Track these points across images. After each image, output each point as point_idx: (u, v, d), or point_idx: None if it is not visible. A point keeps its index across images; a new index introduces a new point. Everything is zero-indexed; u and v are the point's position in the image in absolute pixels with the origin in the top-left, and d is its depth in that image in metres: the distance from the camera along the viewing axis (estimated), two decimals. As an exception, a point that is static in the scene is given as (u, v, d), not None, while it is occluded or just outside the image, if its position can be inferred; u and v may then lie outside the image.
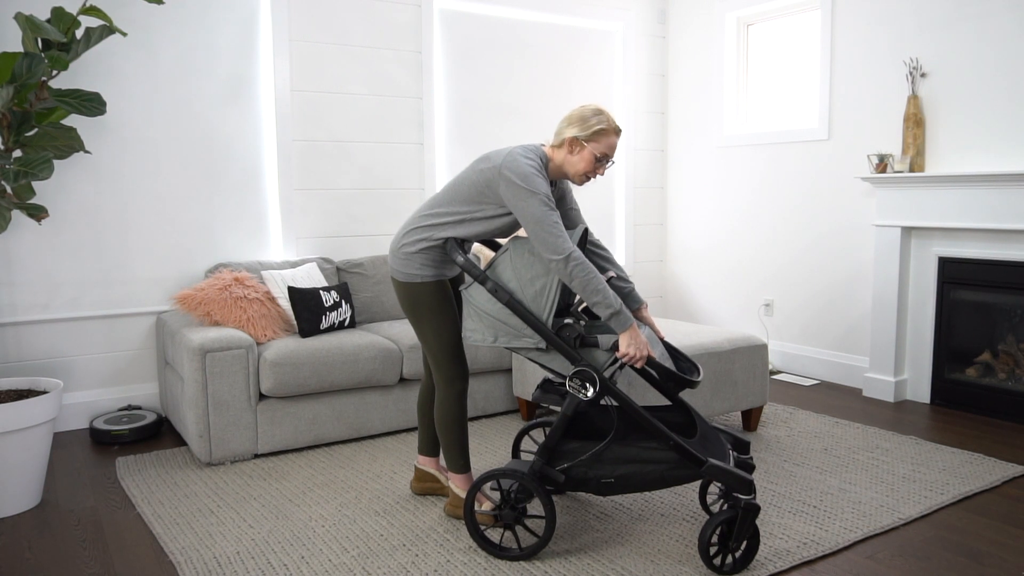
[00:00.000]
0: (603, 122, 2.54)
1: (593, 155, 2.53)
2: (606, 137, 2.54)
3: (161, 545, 2.62)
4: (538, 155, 2.55)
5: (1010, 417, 3.93)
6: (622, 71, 5.52)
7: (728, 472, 2.35)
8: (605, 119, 2.55)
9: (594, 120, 2.54)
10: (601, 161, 2.56)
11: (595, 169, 2.56)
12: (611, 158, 2.58)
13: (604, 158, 2.56)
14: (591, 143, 2.53)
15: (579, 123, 2.54)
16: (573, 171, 2.57)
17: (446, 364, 2.68)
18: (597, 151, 2.53)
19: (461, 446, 2.75)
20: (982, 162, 3.98)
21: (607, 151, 2.55)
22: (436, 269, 2.65)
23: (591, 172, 2.57)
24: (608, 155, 2.56)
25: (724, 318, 5.45)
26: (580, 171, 2.56)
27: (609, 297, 2.36)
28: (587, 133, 2.53)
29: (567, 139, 2.54)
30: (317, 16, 4.35)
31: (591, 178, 2.60)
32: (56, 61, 2.79)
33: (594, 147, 2.53)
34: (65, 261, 3.83)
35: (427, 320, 2.66)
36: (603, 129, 2.53)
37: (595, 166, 2.55)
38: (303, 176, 4.38)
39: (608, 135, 2.54)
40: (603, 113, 2.57)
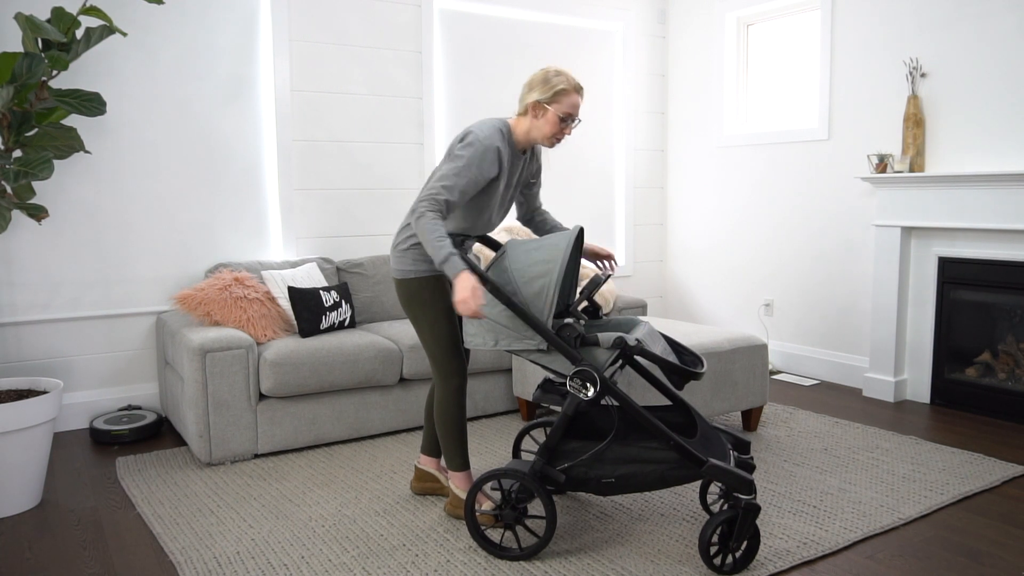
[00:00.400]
0: (563, 82, 2.57)
1: (557, 116, 2.56)
2: (567, 96, 2.56)
3: (161, 545, 2.62)
4: (499, 128, 2.59)
5: (1010, 417, 3.93)
6: (622, 71, 5.52)
7: (728, 472, 2.35)
8: (564, 79, 2.58)
9: (554, 81, 2.57)
10: (566, 121, 2.58)
11: (561, 130, 2.60)
12: (576, 117, 2.61)
13: (568, 117, 2.58)
14: (554, 104, 2.56)
15: (540, 86, 2.58)
16: (540, 135, 2.61)
17: (442, 360, 2.70)
18: (560, 111, 2.56)
19: (460, 444, 2.75)
20: (982, 162, 3.98)
21: (570, 110, 2.57)
22: (430, 264, 2.66)
23: (558, 133, 2.60)
24: (572, 114, 2.58)
25: (724, 318, 5.45)
26: (547, 134, 2.60)
27: (442, 243, 2.37)
28: (548, 95, 2.56)
29: (530, 104, 2.59)
30: (317, 16, 4.35)
31: (559, 139, 2.63)
32: (56, 61, 2.79)
33: (557, 108, 2.56)
34: (65, 261, 3.83)
35: (421, 315, 2.68)
36: (564, 89, 2.56)
37: (561, 127, 2.59)
38: (303, 176, 4.38)
39: (569, 94, 2.57)
40: (562, 73, 2.59)
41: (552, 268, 2.37)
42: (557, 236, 2.47)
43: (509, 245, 2.50)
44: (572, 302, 2.78)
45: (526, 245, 2.47)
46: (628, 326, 2.66)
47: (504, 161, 2.58)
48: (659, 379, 2.75)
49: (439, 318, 2.67)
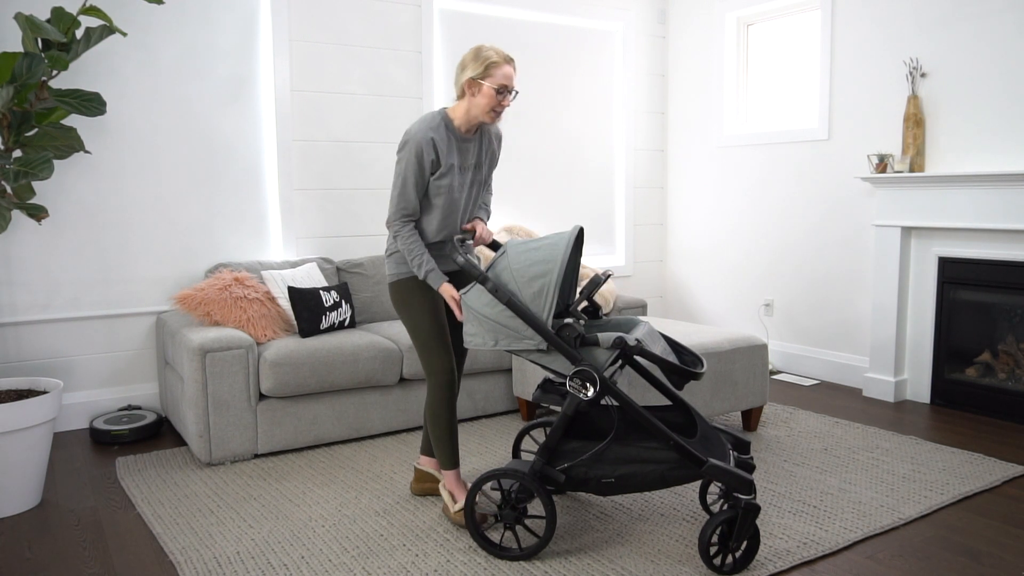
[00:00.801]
0: (493, 55, 2.63)
1: (492, 89, 2.61)
2: (499, 68, 2.62)
3: (161, 545, 2.62)
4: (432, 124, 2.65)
5: (1010, 417, 3.93)
6: (622, 71, 5.52)
7: (728, 472, 2.35)
8: (494, 52, 2.64)
9: (484, 56, 2.63)
10: (502, 93, 2.63)
11: (499, 102, 2.64)
12: (510, 88, 2.65)
13: (503, 89, 2.63)
14: (487, 79, 2.61)
15: (471, 64, 2.64)
16: (480, 111, 2.65)
17: (427, 358, 2.74)
18: (495, 84, 2.61)
19: (447, 442, 2.76)
20: (982, 162, 3.98)
21: (504, 81, 2.62)
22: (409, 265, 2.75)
23: (496, 106, 2.65)
24: (507, 85, 2.63)
25: (724, 318, 5.45)
26: (485, 108, 2.64)
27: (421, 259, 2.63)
28: (481, 70, 2.61)
29: (464, 83, 2.65)
30: (317, 16, 4.35)
31: (499, 112, 2.67)
32: (56, 61, 2.78)
33: (491, 81, 2.61)
34: (65, 261, 3.83)
35: (407, 315, 2.75)
36: (495, 62, 2.62)
37: (498, 99, 2.63)
38: (303, 176, 4.38)
39: (500, 66, 2.62)
40: (490, 48, 2.66)
41: (552, 268, 2.37)
42: (557, 236, 2.47)
43: (509, 245, 2.50)
44: (572, 302, 2.78)
45: (526, 245, 2.47)
46: (628, 326, 2.66)
47: (441, 147, 2.64)
48: (659, 379, 2.75)
49: (424, 317, 2.72)
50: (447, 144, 2.66)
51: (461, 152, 2.70)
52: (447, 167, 2.66)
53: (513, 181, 5.14)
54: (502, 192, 5.03)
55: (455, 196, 2.71)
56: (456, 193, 2.71)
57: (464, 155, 2.72)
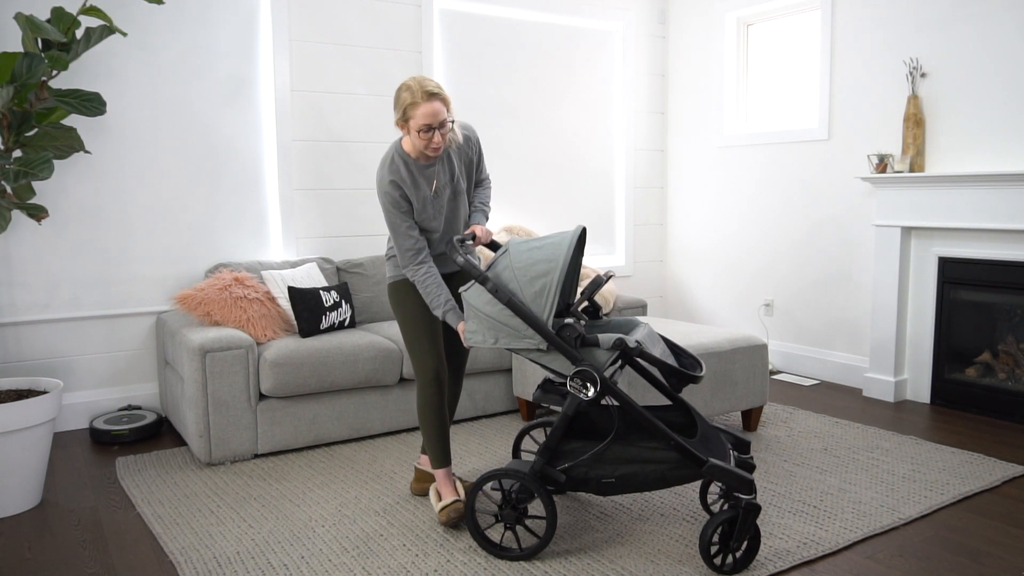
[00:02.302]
0: (408, 97, 2.53)
1: (417, 131, 2.53)
2: (418, 108, 2.51)
3: (161, 545, 2.62)
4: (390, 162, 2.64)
5: (1010, 417, 3.93)
6: (622, 71, 5.52)
7: (729, 472, 2.35)
8: (410, 92, 2.53)
9: (401, 99, 2.56)
10: (428, 132, 2.53)
11: (429, 140, 2.54)
12: (435, 125, 2.53)
13: (428, 128, 2.52)
14: (410, 120, 2.54)
15: (394, 107, 2.59)
16: (419, 151, 2.62)
17: (415, 357, 2.77)
18: (417, 125, 2.52)
19: (436, 440, 2.77)
20: (982, 162, 3.98)
21: (425, 121, 2.51)
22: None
23: (428, 145, 2.56)
24: (430, 124, 2.52)
25: (724, 318, 5.45)
26: (420, 148, 2.59)
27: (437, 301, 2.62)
28: (401, 112, 2.56)
29: (396, 124, 2.61)
30: (317, 16, 4.35)
31: (436, 149, 2.58)
32: (56, 61, 2.78)
33: (413, 123, 2.53)
34: (65, 261, 3.83)
35: (400, 315, 2.80)
36: (410, 103, 2.52)
37: (426, 137, 2.54)
38: (303, 176, 4.38)
39: (418, 106, 2.51)
40: (411, 84, 2.54)
41: (554, 268, 2.37)
42: (559, 235, 2.46)
43: (511, 244, 2.50)
44: (573, 302, 2.78)
45: (528, 244, 2.47)
46: (628, 327, 2.66)
47: (407, 185, 2.64)
48: (659, 379, 2.76)
49: (416, 319, 2.75)
50: (411, 180, 2.65)
51: (427, 179, 2.69)
52: (420, 202, 2.67)
53: (513, 181, 5.14)
54: (502, 192, 5.03)
55: (443, 218, 2.75)
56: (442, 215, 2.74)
57: (432, 180, 2.70)
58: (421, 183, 2.67)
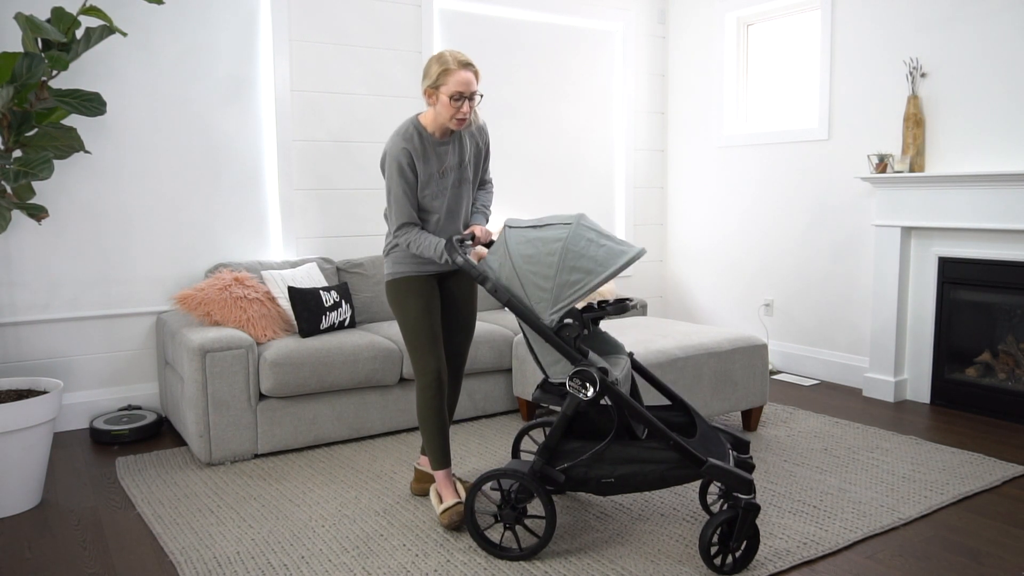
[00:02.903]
0: (444, 62, 2.58)
1: (448, 97, 2.57)
2: (452, 75, 2.56)
3: (161, 545, 2.62)
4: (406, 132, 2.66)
5: (1010, 417, 3.93)
6: (622, 71, 5.51)
7: (728, 472, 2.35)
8: (447, 58, 2.59)
9: (437, 64, 2.60)
10: (459, 100, 2.58)
11: (458, 109, 2.59)
12: (467, 95, 2.59)
13: (459, 96, 2.57)
14: (442, 87, 2.58)
15: (426, 74, 2.62)
16: (443, 120, 2.64)
17: (416, 356, 2.75)
18: (449, 91, 2.57)
19: (436, 441, 2.76)
20: (982, 162, 3.98)
21: (458, 88, 2.57)
22: (410, 265, 2.75)
23: (456, 114, 2.60)
24: (463, 92, 2.57)
25: (724, 318, 5.45)
26: (446, 117, 2.62)
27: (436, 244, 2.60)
28: (434, 78, 2.59)
29: (424, 93, 2.64)
30: (317, 16, 4.35)
31: (462, 119, 2.62)
32: (56, 61, 2.78)
33: (445, 89, 2.57)
34: (65, 261, 3.83)
35: (401, 312, 2.77)
36: (447, 69, 2.57)
37: (455, 106, 2.58)
38: (303, 176, 4.38)
39: (453, 73, 2.56)
40: (447, 53, 2.61)
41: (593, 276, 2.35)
42: (558, 229, 2.44)
43: (509, 234, 2.48)
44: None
45: (527, 235, 2.46)
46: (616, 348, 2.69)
47: (417, 157, 2.65)
48: (659, 379, 2.76)
49: (417, 317, 2.73)
50: (422, 152, 2.66)
51: (439, 156, 2.70)
52: (426, 176, 2.68)
53: (513, 181, 5.14)
54: (502, 192, 5.03)
55: (444, 201, 2.73)
56: (444, 198, 2.72)
57: (442, 159, 2.71)
58: (431, 158, 2.68)
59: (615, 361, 2.61)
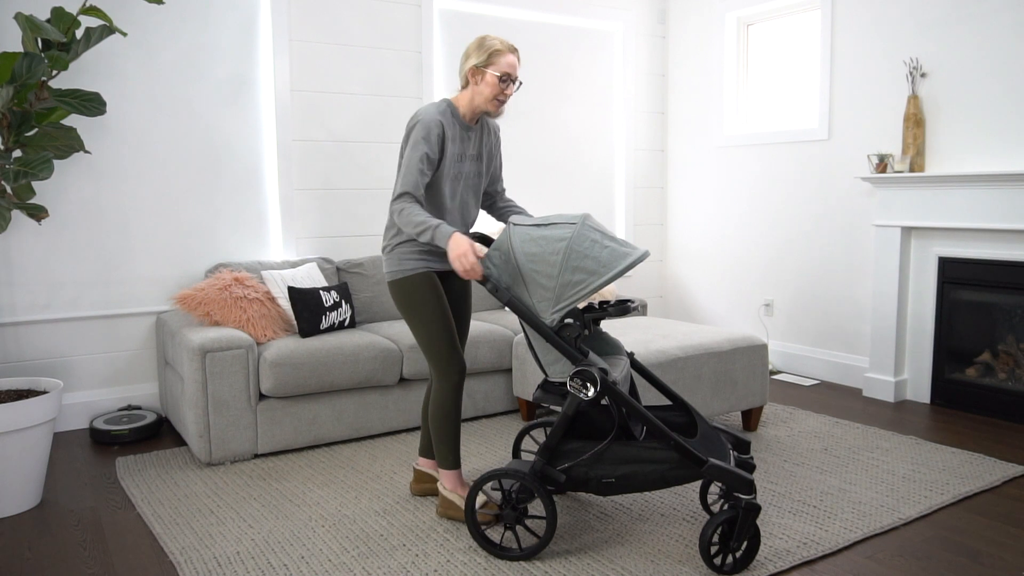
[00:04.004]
0: (496, 43, 2.64)
1: (496, 77, 2.63)
2: (502, 56, 2.64)
3: (161, 545, 2.62)
4: (439, 109, 2.66)
5: (1010, 417, 3.93)
6: (622, 71, 5.52)
7: (729, 472, 2.35)
8: (497, 40, 2.66)
9: (487, 44, 2.64)
10: (505, 81, 2.65)
11: (502, 91, 2.66)
12: (514, 77, 2.67)
13: (507, 77, 2.64)
14: (490, 67, 2.63)
15: (475, 52, 2.66)
16: (483, 100, 2.67)
17: (438, 357, 2.68)
18: (498, 71, 2.63)
19: (452, 442, 2.75)
20: (982, 162, 3.98)
21: (507, 69, 2.64)
22: (420, 261, 2.68)
23: (499, 95, 2.66)
24: (510, 74, 2.65)
25: (724, 318, 5.45)
26: (488, 97, 2.66)
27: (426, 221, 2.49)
28: (484, 58, 2.63)
29: (468, 71, 2.66)
30: (317, 16, 4.35)
31: (502, 102, 2.68)
32: (56, 61, 2.78)
33: (494, 69, 2.63)
34: (65, 261, 3.83)
35: (417, 313, 2.67)
36: (497, 50, 2.63)
37: (500, 87, 2.65)
38: (303, 176, 4.38)
39: (504, 54, 2.64)
40: (494, 37, 2.67)
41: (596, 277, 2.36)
42: (563, 229, 2.43)
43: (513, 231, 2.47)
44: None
45: (531, 233, 2.46)
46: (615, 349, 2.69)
47: (449, 133, 2.65)
48: (659, 379, 2.76)
49: (435, 315, 2.66)
50: (453, 131, 2.67)
51: (464, 141, 2.72)
52: (451, 155, 2.67)
53: (513, 181, 5.14)
54: (502, 192, 5.03)
55: (459, 190, 2.72)
56: (459, 184, 2.72)
57: (466, 144, 2.73)
58: (458, 140, 2.70)
59: (614, 362, 2.61)
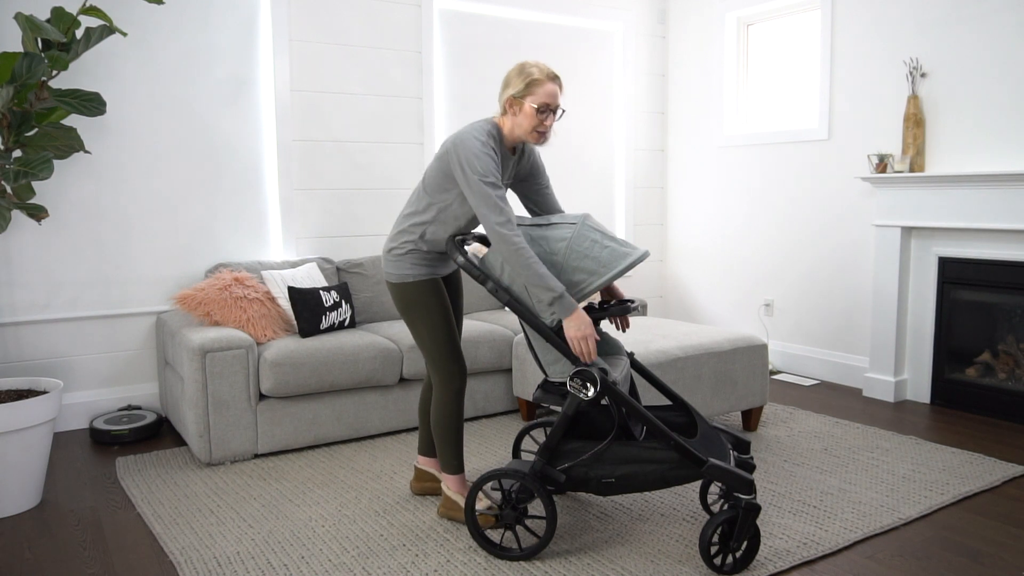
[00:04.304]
0: (535, 72, 2.51)
1: (533, 108, 2.50)
2: (540, 86, 2.50)
3: (161, 545, 2.62)
4: (487, 131, 2.53)
5: (1010, 417, 3.93)
6: (622, 71, 5.52)
7: (729, 472, 2.35)
8: (536, 69, 2.52)
9: (526, 73, 2.52)
10: (544, 112, 2.52)
11: (541, 122, 2.53)
12: (553, 107, 2.53)
13: (545, 108, 2.51)
14: (528, 97, 2.51)
15: (513, 81, 2.53)
16: (523, 132, 2.55)
17: (442, 363, 2.67)
18: (536, 102, 2.50)
19: (456, 446, 2.75)
20: (982, 162, 3.98)
21: (546, 100, 2.51)
22: (427, 268, 2.66)
23: (538, 126, 2.53)
24: (549, 104, 2.52)
25: (724, 318, 5.45)
26: (528, 128, 2.54)
27: (548, 278, 2.34)
28: (522, 87, 2.51)
29: (506, 101, 2.54)
30: (317, 16, 4.35)
31: (544, 134, 2.55)
32: (56, 61, 2.78)
33: (532, 100, 2.50)
34: (65, 261, 3.83)
35: (421, 319, 2.66)
36: (536, 79, 2.50)
37: (539, 119, 2.52)
38: (303, 176, 4.38)
39: (543, 83, 2.50)
40: (534, 64, 2.53)
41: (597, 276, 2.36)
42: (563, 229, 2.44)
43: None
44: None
45: (531, 233, 2.46)
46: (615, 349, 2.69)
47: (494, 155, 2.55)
48: (659, 379, 2.76)
49: (439, 321, 2.65)
50: (497, 159, 2.52)
51: (503, 168, 2.62)
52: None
53: (513, 181, 5.14)
54: (502, 192, 5.03)
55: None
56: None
57: (504, 171, 2.64)
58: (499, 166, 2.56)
59: (614, 362, 2.61)
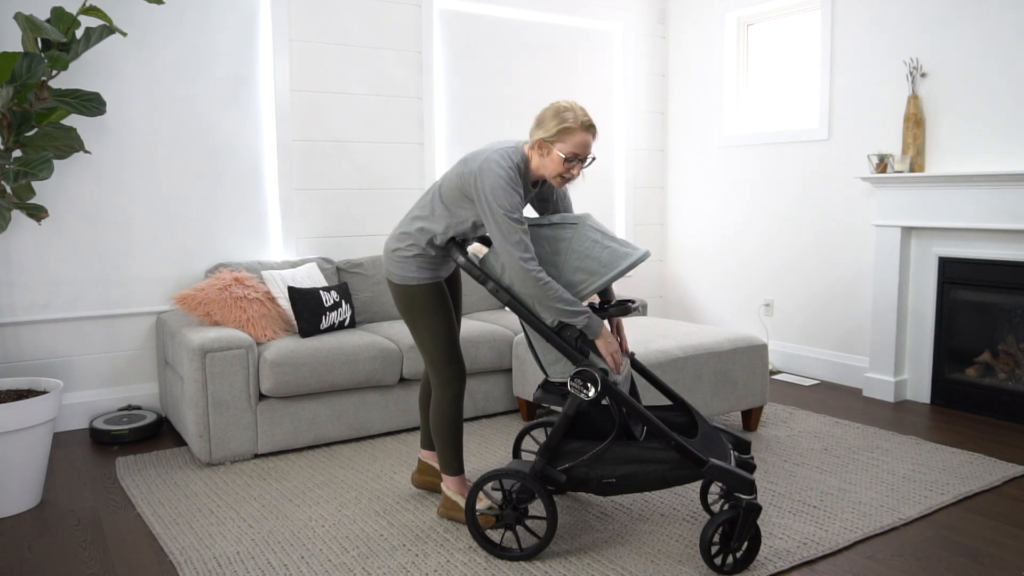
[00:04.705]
0: (567, 120, 2.38)
1: (560, 156, 2.39)
2: (572, 136, 2.38)
3: (161, 545, 2.62)
4: (514, 160, 2.44)
5: (1010, 417, 3.93)
6: (622, 71, 5.52)
7: (729, 472, 2.35)
8: (572, 116, 2.39)
9: (558, 119, 2.39)
10: (571, 161, 2.41)
11: (568, 169, 2.42)
12: (583, 157, 2.42)
13: (574, 157, 2.40)
14: (557, 144, 2.39)
15: (545, 123, 2.42)
16: (547, 173, 2.46)
17: (443, 366, 2.67)
18: (564, 151, 2.39)
19: (455, 448, 2.75)
20: (982, 162, 3.98)
21: (576, 150, 2.39)
22: (431, 271, 2.64)
23: (564, 173, 2.43)
24: (578, 154, 2.40)
25: (724, 318, 5.45)
26: (552, 173, 2.44)
27: (576, 303, 2.35)
28: (551, 134, 2.39)
29: (535, 142, 2.44)
30: (317, 16, 4.35)
31: (568, 179, 2.46)
32: (56, 61, 2.78)
33: (560, 147, 2.39)
34: (65, 261, 3.83)
35: (423, 321, 2.64)
36: (568, 128, 2.38)
37: (566, 166, 2.42)
38: (303, 176, 4.38)
39: (575, 133, 2.38)
40: (570, 110, 2.40)
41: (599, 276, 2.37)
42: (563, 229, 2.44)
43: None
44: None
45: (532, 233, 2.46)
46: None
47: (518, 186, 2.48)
48: (659, 379, 2.76)
49: (442, 324, 2.64)
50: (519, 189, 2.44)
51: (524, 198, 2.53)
52: None
53: (513, 181, 5.13)
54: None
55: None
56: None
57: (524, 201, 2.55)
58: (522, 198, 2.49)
59: None
